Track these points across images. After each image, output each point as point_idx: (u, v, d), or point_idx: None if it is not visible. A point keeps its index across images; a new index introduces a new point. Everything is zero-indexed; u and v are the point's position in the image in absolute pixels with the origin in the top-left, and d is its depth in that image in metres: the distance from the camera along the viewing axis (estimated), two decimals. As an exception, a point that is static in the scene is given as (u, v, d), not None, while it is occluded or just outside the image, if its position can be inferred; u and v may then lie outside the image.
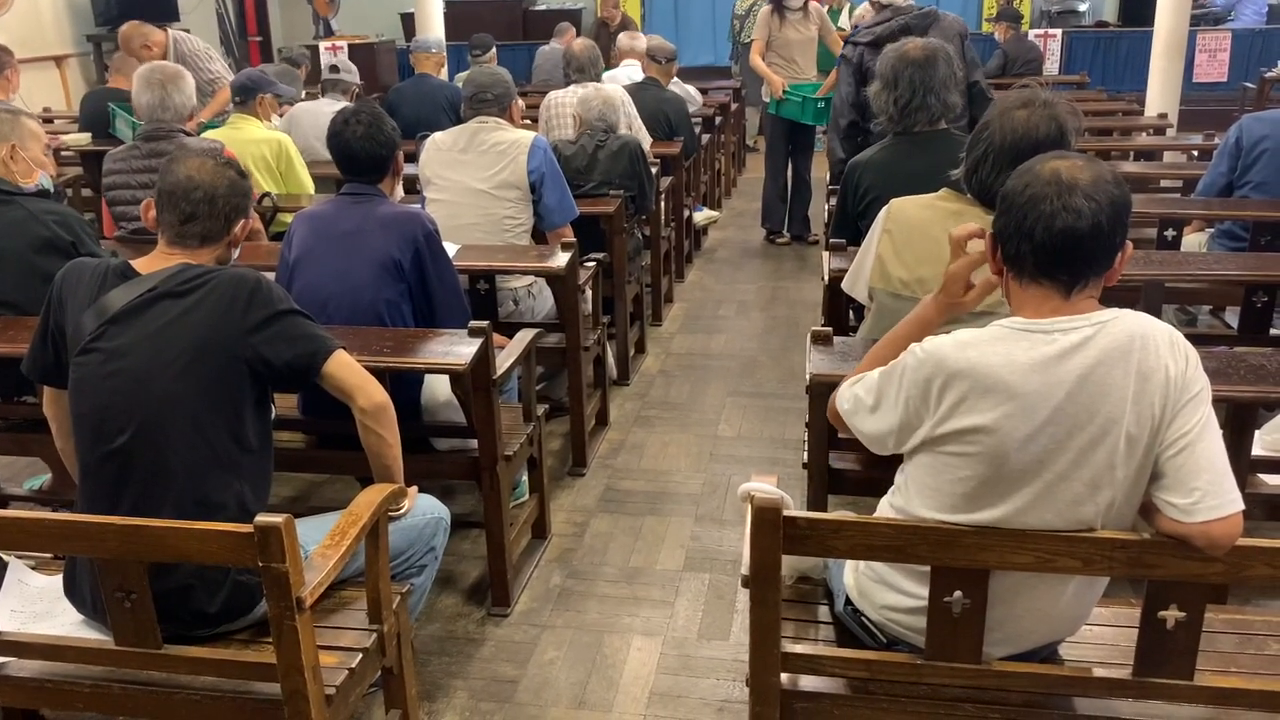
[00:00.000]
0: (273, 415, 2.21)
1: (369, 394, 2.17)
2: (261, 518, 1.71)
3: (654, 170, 4.89)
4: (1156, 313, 3.15)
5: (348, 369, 2.14)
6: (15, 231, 2.86)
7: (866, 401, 1.85)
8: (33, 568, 2.22)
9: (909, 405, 1.73)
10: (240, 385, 2.00)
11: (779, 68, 6.57)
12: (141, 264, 2.09)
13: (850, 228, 3.27)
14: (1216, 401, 1.71)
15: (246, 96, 4.46)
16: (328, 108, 5.14)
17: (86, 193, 6.29)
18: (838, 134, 4.54)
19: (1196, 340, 1.84)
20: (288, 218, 4.10)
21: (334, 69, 5.58)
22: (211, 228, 2.10)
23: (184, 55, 5.91)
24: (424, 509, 2.39)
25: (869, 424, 1.84)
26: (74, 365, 2.01)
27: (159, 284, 2.00)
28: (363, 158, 2.89)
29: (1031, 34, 9.70)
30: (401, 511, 2.29)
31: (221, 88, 5.85)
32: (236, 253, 2.26)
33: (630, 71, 6.17)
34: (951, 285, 2.00)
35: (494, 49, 7.11)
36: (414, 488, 2.37)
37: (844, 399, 1.92)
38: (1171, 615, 1.69)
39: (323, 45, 9.62)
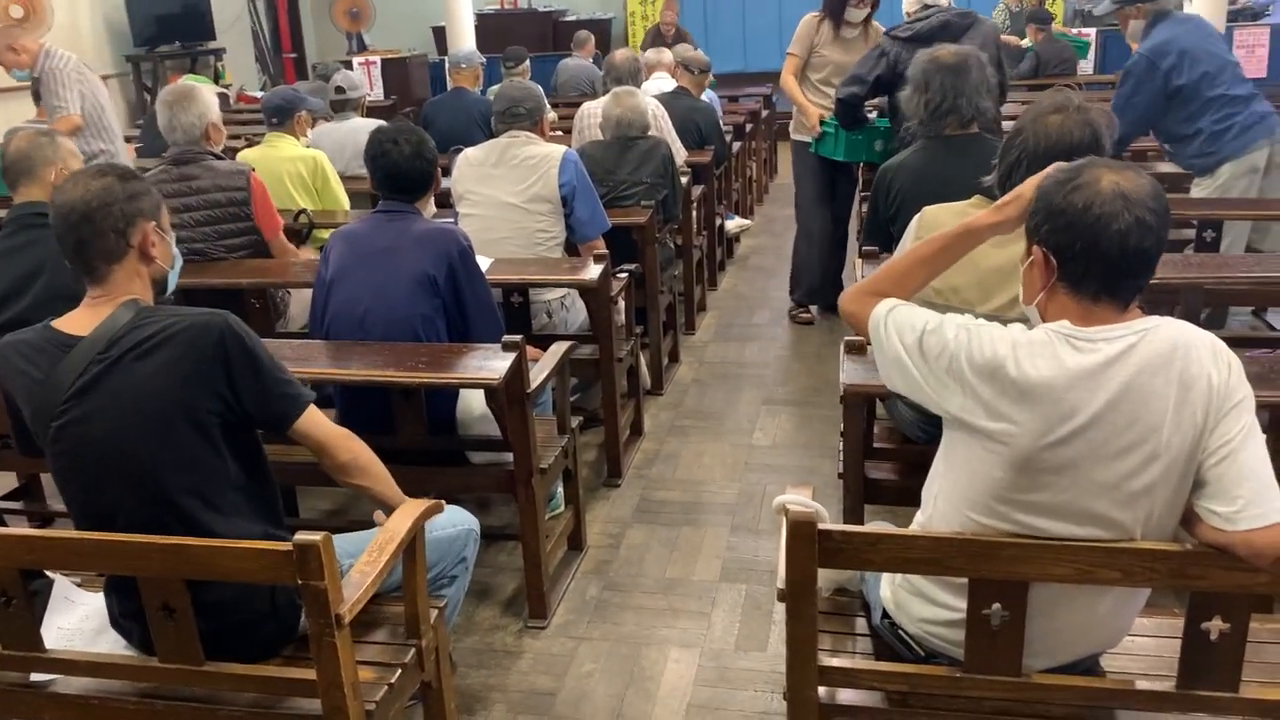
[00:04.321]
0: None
1: (335, 453, 2.09)
2: (300, 535, 1.72)
3: (685, 179, 4.89)
4: (1195, 316, 3.12)
5: (318, 426, 2.06)
6: (53, 253, 2.90)
7: (907, 338, 1.78)
8: (78, 584, 2.26)
9: (943, 380, 1.71)
10: (221, 436, 1.93)
11: (816, 96, 5.11)
12: (71, 322, 1.95)
13: (882, 232, 3.27)
14: (1260, 408, 1.68)
15: (283, 116, 4.51)
16: (349, 126, 5.20)
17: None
18: (838, 96, 4.58)
19: (1237, 343, 1.82)
20: (324, 234, 4.15)
21: (339, 90, 5.41)
22: (105, 246, 1.93)
23: (45, 71, 5.08)
24: (453, 521, 2.38)
25: (903, 368, 1.78)
26: (48, 451, 1.92)
27: (111, 347, 1.88)
28: (412, 176, 2.93)
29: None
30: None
31: (65, 117, 4.98)
32: (176, 264, 2.11)
33: (660, 84, 6.18)
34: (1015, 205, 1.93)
35: (527, 61, 7.16)
36: (439, 501, 2.38)
37: (879, 322, 1.84)
38: (1215, 626, 1.66)
39: (356, 60, 9.72)
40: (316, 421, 2.06)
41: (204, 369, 1.89)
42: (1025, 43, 8.54)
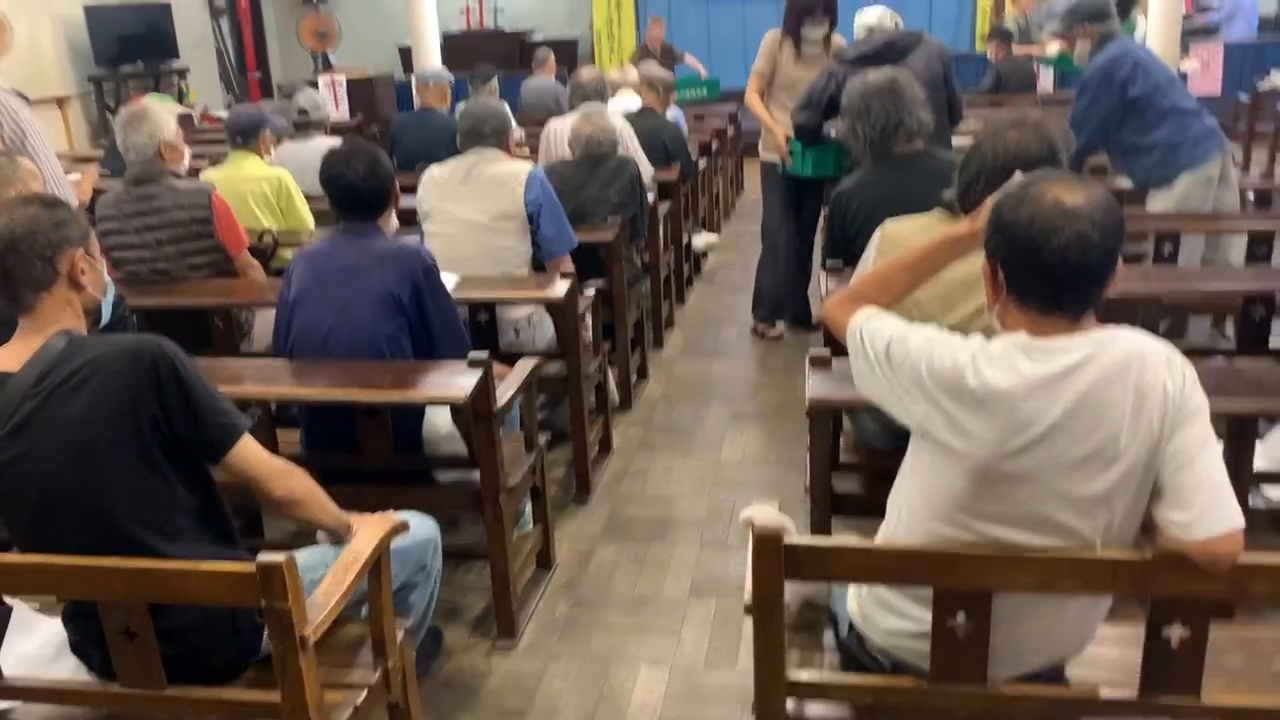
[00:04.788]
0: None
1: (270, 489, 2.01)
2: (264, 556, 1.71)
3: (652, 197, 4.91)
4: (1154, 327, 3.16)
5: (253, 462, 1.98)
6: None
7: (878, 345, 1.83)
8: (36, 609, 2.22)
9: (907, 389, 1.75)
10: (165, 462, 1.89)
11: (783, 114, 4.93)
12: (2, 358, 1.90)
13: (842, 252, 3.30)
14: (1216, 416, 1.71)
15: (248, 136, 4.48)
16: (313, 146, 5.16)
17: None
18: (795, 121, 4.59)
19: (1194, 353, 1.84)
20: (288, 253, 4.12)
21: (302, 111, 5.35)
22: (32, 274, 1.89)
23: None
24: (412, 530, 2.32)
25: (874, 375, 1.83)
26: None
27: (42, 380, 1.83)
28: (370, 196, 2.91)
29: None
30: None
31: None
32: (109, 293, 2.08)
33: (626, 103, 6.21)
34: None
35: (495, 80, 7.16)
36: (405, 521, 2.35)
37: (856, 329, 1.90)
38: (1176, 633, 1.68)
39: (321, 80, 9.68)
40: (253, 456, 1.98)
41: (137, 396, 1.84)
42: (1053, 49, 8.27)
